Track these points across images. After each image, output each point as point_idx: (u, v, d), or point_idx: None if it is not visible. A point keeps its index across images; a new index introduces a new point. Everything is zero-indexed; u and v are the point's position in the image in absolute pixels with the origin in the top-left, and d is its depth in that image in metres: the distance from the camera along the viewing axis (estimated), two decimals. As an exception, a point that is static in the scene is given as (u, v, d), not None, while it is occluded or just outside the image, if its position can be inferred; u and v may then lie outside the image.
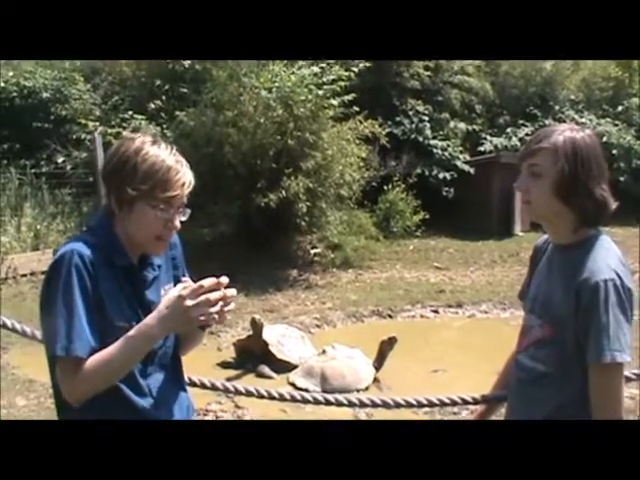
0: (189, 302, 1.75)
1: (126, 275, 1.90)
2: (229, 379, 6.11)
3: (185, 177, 1.89)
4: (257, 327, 7.01)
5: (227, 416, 5.70)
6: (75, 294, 1.79)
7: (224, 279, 1.79)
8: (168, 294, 1.83)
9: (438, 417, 5.63)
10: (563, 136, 1.99)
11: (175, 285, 2.01)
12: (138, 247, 1.94)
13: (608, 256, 1.96)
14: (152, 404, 1.93)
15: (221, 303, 1.79)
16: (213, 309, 1.77)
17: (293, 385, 6.52)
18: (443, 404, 2.79)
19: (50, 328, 1.81)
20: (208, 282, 1.78)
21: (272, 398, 2.84)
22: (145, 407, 1.91)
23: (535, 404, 2.08)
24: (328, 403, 2.85)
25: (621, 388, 1.94)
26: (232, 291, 1.80)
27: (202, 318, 1.78)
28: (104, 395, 1.82)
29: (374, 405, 2.81)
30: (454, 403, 2.75)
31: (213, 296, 1.77)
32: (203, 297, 1.76)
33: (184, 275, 2.09)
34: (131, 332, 1.81)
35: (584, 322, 1.91)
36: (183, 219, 1.93)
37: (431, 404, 2.78)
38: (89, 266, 1.81)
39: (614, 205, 2.01)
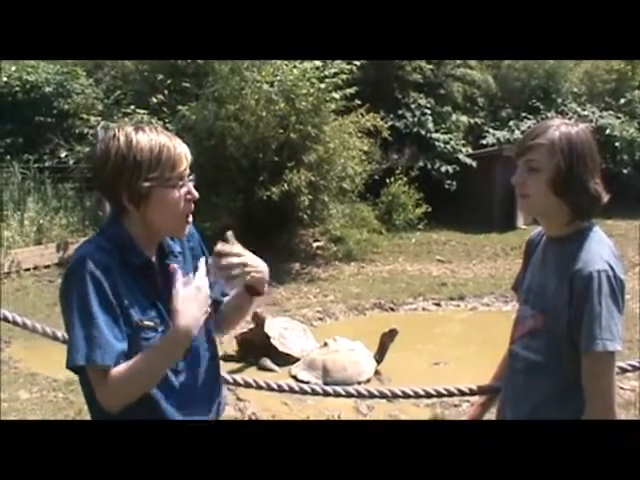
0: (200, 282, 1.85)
1: (143, 273, 1.89)
2: (231, 372, 6.13)
3: (183, 147, 1.89)
4: (259, 320, 7.03)
5: (229, 409, 5.73)
6: (92, 302, 1.76)
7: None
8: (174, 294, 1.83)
9: (439, 409, 5.64)
10: (559, 131, 2.02)
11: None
12: (159, 237, 1.94)
13: (601, 248, 2.00)
14: (176, 404, 1.90)
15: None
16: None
17: (295, 378, 6.54)
18: (440, 395, 2.81)
19: (70, 337, 1.79)
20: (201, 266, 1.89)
21: (272, 390, 2.87)
22: (168, 408, 1.89)
23: (527, 393, 2.11)
24: (327, 394, 2.88)
25: (612, 376, 1.97)
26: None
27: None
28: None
29: (372, 396, 2.85)
30: (451, 394, 2.78)
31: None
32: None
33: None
34: (156, 340, 1.82)
35: (577, 311, 1.94)
36: (193, 184, 1.92)
37: (429, 395, 2.81)
38: (104, 270, 1.78)
39: (606, 198, 2.04)
